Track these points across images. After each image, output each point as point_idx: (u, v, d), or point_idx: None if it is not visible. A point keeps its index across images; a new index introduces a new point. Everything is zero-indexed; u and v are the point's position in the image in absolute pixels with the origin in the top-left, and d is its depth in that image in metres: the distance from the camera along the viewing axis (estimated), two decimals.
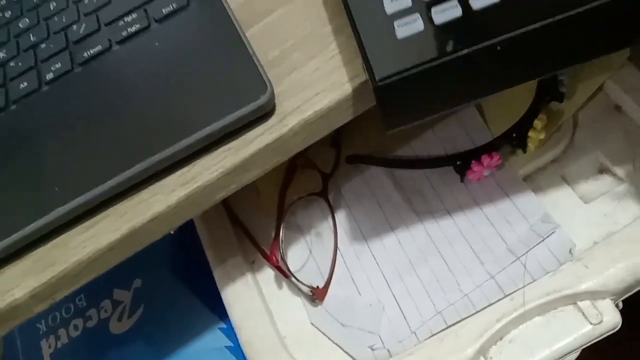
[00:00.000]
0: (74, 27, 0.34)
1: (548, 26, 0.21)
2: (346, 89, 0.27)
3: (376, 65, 0.22)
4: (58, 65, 0.32)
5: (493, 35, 0.21)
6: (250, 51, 0.28)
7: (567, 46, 0.22)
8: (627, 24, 0.21)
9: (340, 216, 0.40)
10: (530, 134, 0.37)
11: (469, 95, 0.23)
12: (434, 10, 0.22)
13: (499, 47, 0.21)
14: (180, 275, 0.49)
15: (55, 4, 0.36)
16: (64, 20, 0.35)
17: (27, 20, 0.36)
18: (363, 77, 0.27)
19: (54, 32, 0.34)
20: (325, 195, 0.40)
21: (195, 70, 0.28)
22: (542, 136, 0.38)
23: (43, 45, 0.34)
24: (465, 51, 0.21)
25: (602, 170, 0.39)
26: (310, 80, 0.28)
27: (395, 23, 0.23)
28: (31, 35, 0.35)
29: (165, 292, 0.48)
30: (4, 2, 0.39)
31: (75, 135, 0.29)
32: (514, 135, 0.38)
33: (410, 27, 0.22)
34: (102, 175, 0.26)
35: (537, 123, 0.37)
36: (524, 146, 0.38)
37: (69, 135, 0.29)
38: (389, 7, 0.23)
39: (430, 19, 0.22)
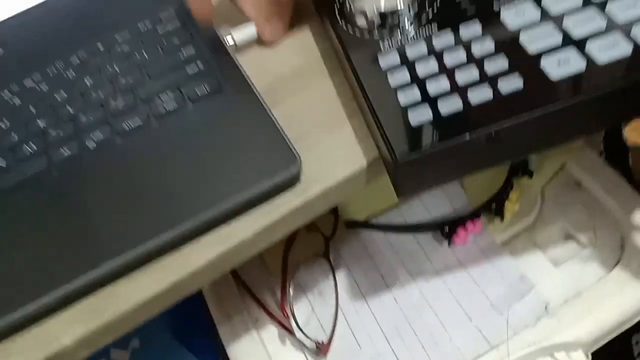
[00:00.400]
0: (112, 101, 0.38)
1: (532, 120, 0.26)
2: (362, 162, 0.32)
3: (396, 147, 0.27)
4: (98, 135, 0.36)
5: (488, 124, 0.27)
6: (280, 129, 0.33)
7: (552, 131, 0.28)
8: (597, 117, 0.27)
9: (341, 276, 0.44)
10: (507, 204, 0.43)
11: (470, 169, 0.29)
12: (439, 103, 0.28)
13: (493, 134, 0.27)
14: (178, 337, 0.51)
15: (91, 81, 0.40)
16: (100, 95, 0.39)
17: (64, 93, 0.40)
18: (376, 152, 0.32)
19: (92, 105, 0.39)
20: (328, 257, 0.44)
21: (232, 144, 0.33)
22: (517, 207, 0.43)
23: (82, 117, 0.38)
24: (466, 137, 0.27)
25: (568, 237, 0.45)
26: (331, 154, 0.33)
27: (409, 112, 0.28)
28: (69, 107, 0.39)
29: (163, 353, 0.49)
30: (39, 76, 0.43)
31: (124, 196, 0.32)
32: (494, 205, 0.43)
33: (421, 116, 0.28)
34: (149, 233, 0.30)
35: (513, 196, 0.43)
36: (502, 215, 0.43)
37: (118, 196, 0.32)
38: (403, 99, 0.29)
39: (437, 110, 0.28)
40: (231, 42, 0.40)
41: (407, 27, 0.32)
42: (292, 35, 0.41)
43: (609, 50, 0.27)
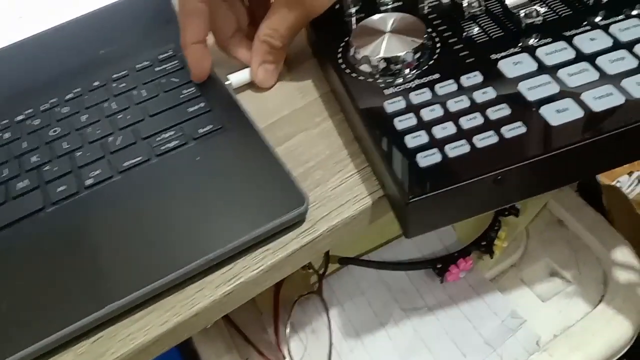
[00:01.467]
0: (110, 138, 0.38)
1: (535, 163, 0.28)
2: (366, 202, 0.33)
3: (406, 189, 0.28)
4: (97, 172, 0.36)
5: (494, 167, 0.28)
6: (286, 169, 0.33)
7: (554, 174, 0.29)
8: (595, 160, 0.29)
9: (334, 313, 0.44)
10: (496, 242, 0.44)
11: (477, 210, 0.30)
12: (447, 147, 0.29)
13: (499, 177, 0.28)
14: None
15: (86, 116, 0.40)
16: (98, 131, 0.39)
17: (58, 129, 0.40)
18: (380, 192, 0.33)
19: (89, 141, 0.38)
20: (321, 294, 0.44)
21: (236, 183, 0.33)
22: (505, 244, 0.45)
23: (79, 153, 0.38)
24: (474, 179, 0.28)
25: (553, 274, 0.46)
26: (335, 194, 0.33)
27: (418, 155, 0.29)
28: (64, 143, 0.39)
29: None
30: (32, 110, 0.42)
31: (127, 235, 0.32)
32: (483, 243, 0.45)
33: (430, 159, 0.29)
34: (153, 274, 0.30)
35: (501, 233, 0.44)
36: (491, 252, 0.45)
37: (121, 235, 0.32)
38: (411, 143, 0.30)
39: (445, 154, 0.29)
40: (229, 83, 0.40)
41: (410, 74, 0.33)
42: (290, 77, 0.42)
43: (603, 99, 0.29)
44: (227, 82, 0.40)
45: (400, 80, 0.33)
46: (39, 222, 0.34)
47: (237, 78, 0.41)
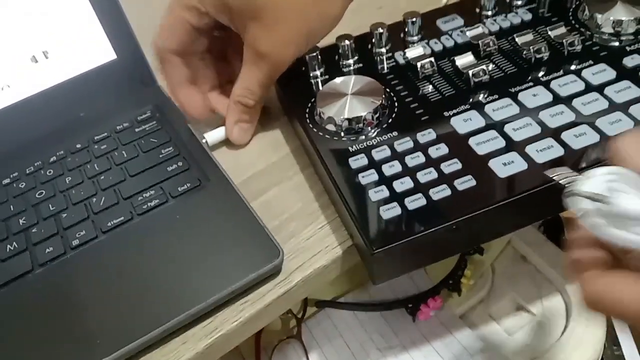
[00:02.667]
0: (94, 199, 0.40)
1: (486, 212, 0.31)
2: (337, 251, 0.35)
3: (371, 240, 0.31)
4: (82, 233, 0.38)
5: (449, 217, 0.31)
6: (261, 222, 0.36)
7: (504, 221, 0.32)
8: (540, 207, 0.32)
9: (314, 356, 0.46)
10: (463, 280, 0.47)
11: (437, 257, 0.33)
12: (406, 200, 0.32)
13: (454, 226, 0.31)
14: None
15: (70, 178, 0.42)
16: (82, 193, 0.41)
17: (43, 191, 0.42)
18: (349, 242, 0.35)
19: (74, 203, 0.40)
20: (300, 338, 0.46)
21: (215, 238, 0.35)
22: (471, 282, 0.48)
23: (64, 215, 0.39)
24: (432, 229, 0.31)
25: (519, 308, 0.49)
26: (307, 245, 0.36)
27: (381, 209, 0.32)
28: (50, 205, 0.40)
29: None
30: (17, 174, 0.44)
31: (112, 294, 0.34)
32: (451, 281, 0.47)
33: (391, 211, 0.31)
34: (139, 330, 0.31)
35: (468, 271, 0.47)
36: (459, 290, 0.47)
37: (106, 294, 0.34)
38: (373, 197, 0.32)
39: (405, 207, 0.32)
40: (205, 142, 0.43)
41: (371, 131, 0.37)
42: (263, 133, 0.45)
43: (545, 152, 0.32)
44: (203, 141, 0.43)
45: (362, 137, 0.36)
46: (28, 284, 0.36)
47: (212, 136, 0.44)
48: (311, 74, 0.42)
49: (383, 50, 0.42)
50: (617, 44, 0.39)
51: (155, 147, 0.43)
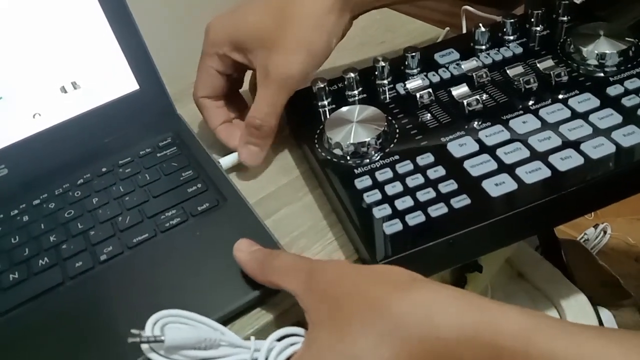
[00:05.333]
0: (119, 218, 0.43)
1: (480, 229, 0.34)
2: None
3: (375, 253, 0.34)
4: (110, 249, 0.41)
5: (446, 233, 0.34)
6: (275, 238, 0.39)
7: (497, 236, 0.35)
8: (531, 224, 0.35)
9: None
10: None
11: (435, 269, 0.36)
12: (407, 217, 0.35)
13: (450, 240, 0.34)
14: None
15: (97, 199, 0.46)
16: (108, 212, 0.44)
17: (72, 211, 0.45)
18: (355, 256, 0.38)
19: (101, 221, 0.44)
20: None
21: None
22: None
23: (92, 232, 0.43)
24: (429, 244, 0.34)
25: None
26: (318, 259, 0.39)
27: (384, 225, 0.35)
28: (78, 223, 0.44)
29: None
30: (46, 195, 0.47)
31: (138, 305, 0.37)
32: None
33: (393, 227, 0.34)
34: None
35: (467, 287, 0.50)
36: None
37: (133, 305, 0.37)
38: (377, 214, 0.36)
39: (406, 223, 0.35)
40: (220, 165, 0.46)
41: (375, 155, 0.40)
42: (275, 159, 0.48)
43: (533, 173, 0.35)
44: (220, 164, 0.46)
45: (367, 160, 0.40)
46: (59, 295, 0.39)
47: (226, 161, 0.47)
48: (319, 104, 0.46)
49: (385, 82, 0.46)
50: (601, 74, 0.42)
51: (175, 171, 0.46)
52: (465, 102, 0.41)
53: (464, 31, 0.58)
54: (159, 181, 0.46)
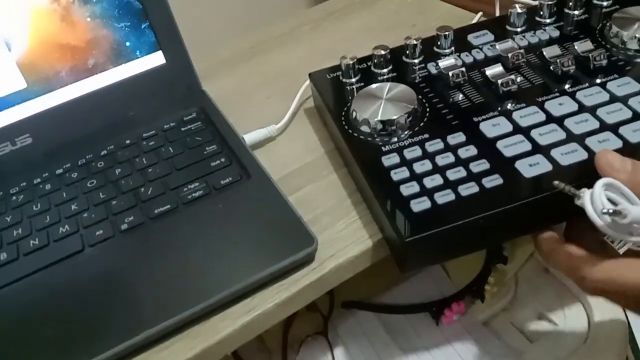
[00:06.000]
0: (142, 189, 0.43)
1: (511, 209, 0.32)
2: (367, 243, 0.37)
3: (402, 230, 0.32)
4: (131, 219, 0.41)
5: (476, 213, 0.33)
6: (297, 214, 0.38)
7: (528, 220, 0.34)
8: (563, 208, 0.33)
9: (338, 353, 0.48)
10: (486, 287, 0.48)
11: (462, 250, 0.34)
12: (436, 195, 0.34)
13: (481, 220, 0.33)
14: None
15: (119, 170, 0.45)
16: (131, 183, 0.44)
17: (94, 181, 0.45)
18: (379, 235, 0.37)
19: (123, 192, 0.43)
20: (326, 335, 0.48)
21: (255, 227, 0.38)
22: (495, 289, 0.49)
23: (114, 202, 0.42)
24: (459, 222, 0.32)
25: (541, 317, 0.50)
26: (340, 236, 0.38)
27: (412, 202, 0.34)
28: (100, 193, 0.44)
29: None
30: (69, 165, 0.47)
31: (159, 272, 0.36)
32: (474, 288, 0.49)
33: (421, 205, 0.33)
34: (182, 305, 0.34)
35: (491, 279, 0.48)
36: (482, 297, 0.49)
37: (154, 272, 0.36)
38: (405, 191, 0.35)
39: (435, 201, 0.34)
40: (246, 141, 0.46)
41: (403, 134, 0.39)
42: (300, 137, 0.47)
43: (569, 155, 0.34)
44: (245, 139, 0.46)
45: (395, 139, 0.39)
46: (79, 262, 0.38)
47: (251, 137, 0.47)
48: (346, 81, 0.45)
49: (416, 61, 0.45)
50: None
51: (199, 145, 0.46)
52: (499, 82, 0.40)
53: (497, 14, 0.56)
54: (183, 154, 0.45)
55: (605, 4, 0.46)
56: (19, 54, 0.46)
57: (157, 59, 0.51)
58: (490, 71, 0.41)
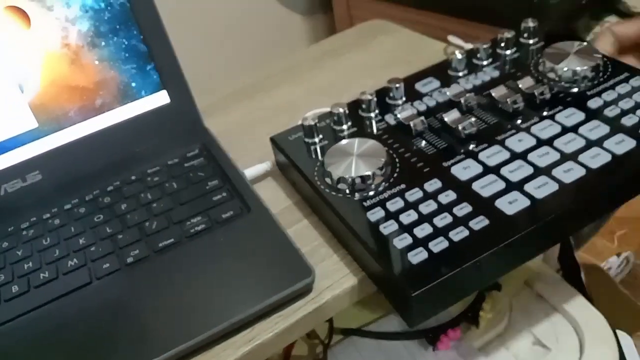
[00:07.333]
0: (146, 224, 0.45)
1: (504, 247, 0.34)
2: (364, 274, 0.39)
3: (408, 283, 0.32)
4: (136, 252, 0.42)
5: (472, 255, 0.33)
6: (296, 246, 0.40)
7: (520, 252, 0.35)
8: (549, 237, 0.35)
9: None
10: (481, 313, 0.50)
11: (465, 293, 0.35)
12: (430, 244, 0.34)
13: (478, 263, 0.33)
14: None
15: (125, 205, 0.47)
16: (136, 218, 0.46)
17: (101, 216, 0.47)
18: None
19: (129, 226, 0.45)
20: None
21: (256, 258, 0.40)
22: (489, 316, 0.50)
23: (120, 236, 0.44)
24: (458, 268, 0.33)
25: (535, 343, 0.51)
26: (337, 268, 0.40)
27: (408, 254, 0.34)
28: (107, 227, 0.45)
29: None
30: (77, 200, 0.49)
31: (163, 304, 0.38)
32: (470, 314, 0.50)
33: (419, 256, 0.34)
34: (186, 335, 0.35)
35: (486, 306, 0.50)
36: (477, 323, 0.50)
37: (158, 304, 0.38)
38: (399, 245, 0.35)
39: (430, 250, 0.34)
40: (246, 176, 0.48)
41: (380, 186, 0.39)
42: None
43: (542, 188, 0.36)
44: (245, 175, 0.48)
45: (372, 193, 0.39)
46: (87, 294, 0.40)
47: (250, 172, 0.49)
48: (309, 141, 0.46)
49: (372, 114, 0.47)
50: (576, 90, 0.44)
51: (202, 180, 0.48)
52: (460, 126, 0.41)
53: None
54: (186, 190, 0.47)
55: (531, 42, 0.51)
56: (31, 95, 0.49)
57: (161, 98, 0.53)
58: (448, 117, 0.43)
